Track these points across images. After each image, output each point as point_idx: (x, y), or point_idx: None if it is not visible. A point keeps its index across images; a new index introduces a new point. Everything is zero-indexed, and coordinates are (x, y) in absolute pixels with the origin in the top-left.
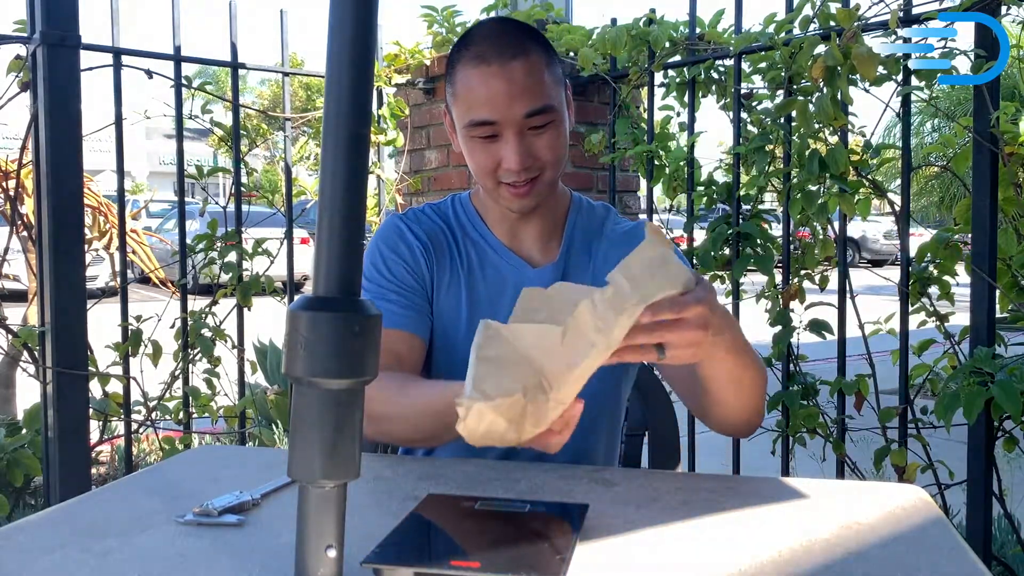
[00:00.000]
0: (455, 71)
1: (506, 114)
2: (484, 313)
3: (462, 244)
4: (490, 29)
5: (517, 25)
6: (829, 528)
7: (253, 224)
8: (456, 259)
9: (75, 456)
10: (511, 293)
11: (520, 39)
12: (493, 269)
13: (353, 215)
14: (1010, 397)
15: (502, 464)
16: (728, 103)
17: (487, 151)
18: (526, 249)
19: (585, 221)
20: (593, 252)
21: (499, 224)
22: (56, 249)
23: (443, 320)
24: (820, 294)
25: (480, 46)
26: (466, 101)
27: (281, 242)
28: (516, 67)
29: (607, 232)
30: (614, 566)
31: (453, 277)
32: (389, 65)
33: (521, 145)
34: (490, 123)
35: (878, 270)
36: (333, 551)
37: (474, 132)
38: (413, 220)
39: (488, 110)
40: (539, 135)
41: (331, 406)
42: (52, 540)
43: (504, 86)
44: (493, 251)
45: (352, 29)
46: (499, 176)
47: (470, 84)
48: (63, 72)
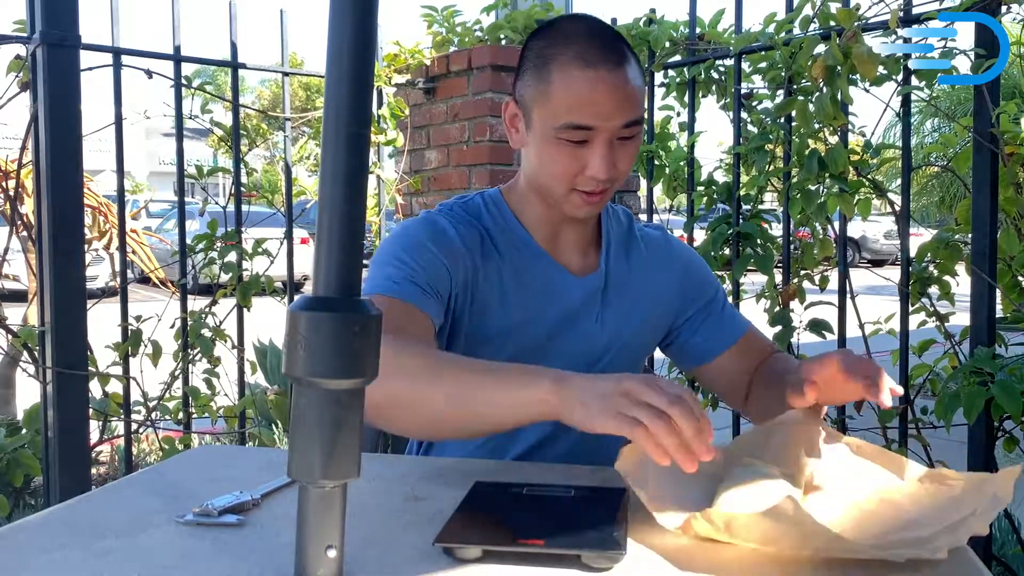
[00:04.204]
0: (549, 68)
1: (607, 122)
2: (530, 318)
3: (499, 246)
4: (588, 28)
5: (609, 27)
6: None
7: (253, 224)
8: (497, 259)
9: (75, 456)
10: (554, 302)
11: (620, 44)
12: (534, 274)
13: (353, 215)
14: (1010, 397)
15: (503, 464)
16: (728, 103)
17: (574, 156)
18: (565, 255)
19: (616, 227)
20: (631, 261)
21: (539, 228)
22: (56, 249)
23: (485, 316)
24: (820, 294)
25: (582, 46)
26: (564, 102)
27: (281, 242)
28: (622, 74)
29: (637, 240)
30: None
31: (495, 277)
32: (389, 65)
33: (610, 154)
34: (587, 128)
35: (878, 270)
36: (333, 551)
37: (566, 135)
38: (454, 219)
39: (591, 116)
40: (625, 145)
41: (331, 406)
42: (52, 540)
43: (611, 93)
44: (534, 256)
45: (352, 29)
46: (577, 183)
47: (573, 85)
48: (63, 72)
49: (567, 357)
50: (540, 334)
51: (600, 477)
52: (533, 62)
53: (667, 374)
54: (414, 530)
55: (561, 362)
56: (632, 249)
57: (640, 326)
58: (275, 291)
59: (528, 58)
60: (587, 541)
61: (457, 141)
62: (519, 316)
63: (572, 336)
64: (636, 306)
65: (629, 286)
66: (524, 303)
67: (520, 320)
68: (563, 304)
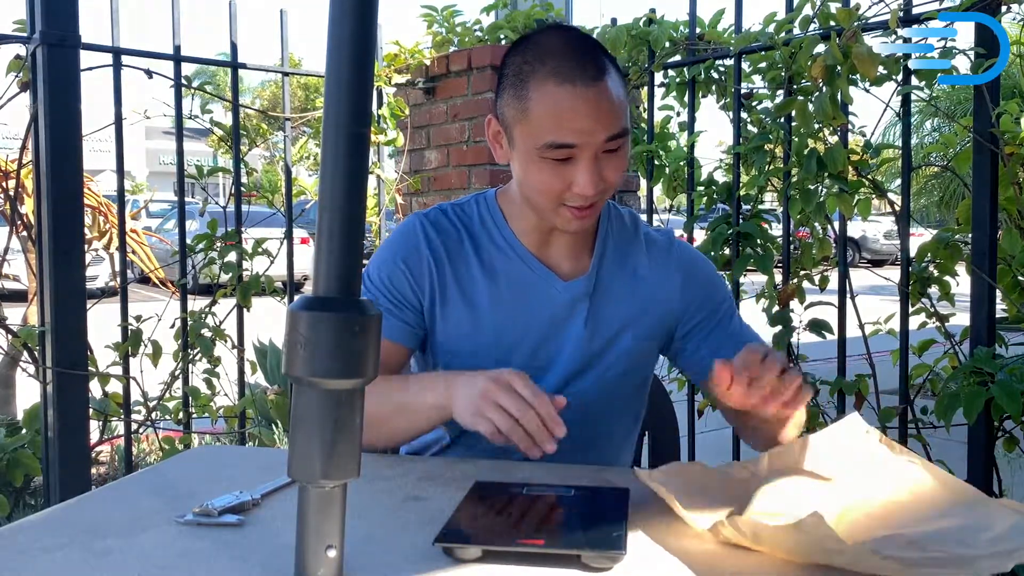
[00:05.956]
0: (526, 87)
1: (589, 138)
2: (513, 325)
3: (486, 250)
4: (563, 42)
5: (586, 38)
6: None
7: (253, 224)
8: (477, 266)
9: (75, 456)
10: (539, 306)
11: (599, 56)
12: (519, 280)
13: (353, 215)
14: (1010, 397)
15: (501, 464)
16: (728, 103)
17: (558, 173)
18: (555, 259)
19: (617, 229)
20: (630, 262)
21: (528, 233)
22: (56, 249)
23: (460, 327)
24: (820, 294)
25: (558, 61)
26: (545, 121)
27: (281, 242)
28: (601, 88)
29: (640, 244)
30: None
31: (472, 285)
32: (389, 65)
33: (596, 169)
34: (570, 146)
35: (878, 270)
36: (333, 551)
37: (549, 154)
38: (433, 225)
39: (573, 134)
40: (611, 157)
41: (331, 406)
42: (52, 540)
43: (591, 109)
44: (520, 260)
45: (352, 28)
46: (565, 199)
47: (552, 104)
48: (63, 72)
49: (554, 363)
50: (524, 338)
51: (601, 477)
52: (511, 80)
53: (666, 374)
54: (414, 530)
55: (548, 368)
56: (631, 253)
57: (635, 333)
58: (275, 291)
59: (507, 75)
60: (587, 541)
61: (457, 141)
62: (502, 321)
63: (558, 341)
64: (630, 312)
65: (623, 291)
66: (507, 307)
67: (503, 324)
68: (549, 308)
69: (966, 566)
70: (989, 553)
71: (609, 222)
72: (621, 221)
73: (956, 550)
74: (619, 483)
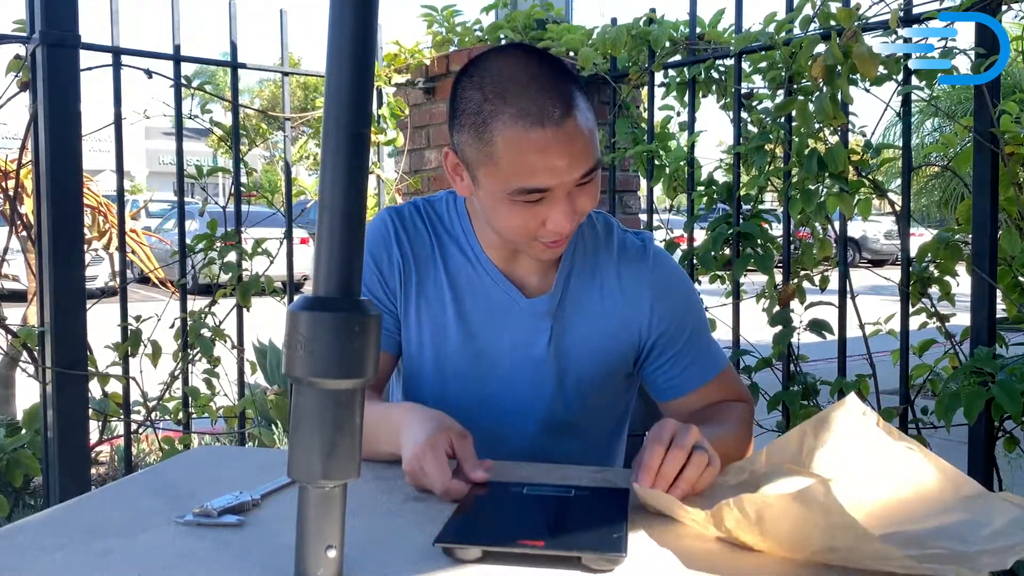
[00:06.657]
0: (489, 130)
1: (563, 178)
2: (478, 339)
3: (454, 259)
4: (524, 72)
5: (546, 62)
6: None
7: (253, 224)
8: (443, 274)
9: (75, 456)
10: (504, 323)
11: (562, 85)
12: (485, 295)
13: (353, 215)
14: (1010, 397)
15: (501, 464)
16: (728, 103)
17: (532, 213)
18: (520, 275)
19: (589, 241)
20: (598, 276)
21: (495, 248)
22: (56, 249)
23: (426, 330)
24: (820, 294)
25: (522, 102)
26: (514, 168)
27: (281, 242)
28: (571, 127)
29: (612, 253)
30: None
31: (437, 292)
32: (389, 65)
33: (570, 205)
34: (543, 190)
35: (878, 270)
36: (333, 551)
37: (520, 197)
38: (403, 224)
39: (545, 177)
40: (585, 189)
41: (331, 406)
42: (52, 540)
43: (563, 151)
44: (487, 275)
45: (352, 28)
46: (538, 235)
47: (520, 151)
48: (63, 72)
49: (519, 381)
50: (486, 355)
51: (601, 477)
52: (471, 119)
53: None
54: (414, 530)
55: (516, 386)
56: (601, 266)
57: (605, 351)
58: (275, 291)
59: (464, 111)
60: (588, 542)
61: None
62: (465, 336)
63: (522, 359)
64: (596, 329)
65: (590, 308)
66: (474, 319)
67: (466, 340)
68: (512, 328)
69: (966, 562)
70: (989, 549)
71: (579, 235)
72: (593, 231)
73: (956, 546)
74: (619, 483)
